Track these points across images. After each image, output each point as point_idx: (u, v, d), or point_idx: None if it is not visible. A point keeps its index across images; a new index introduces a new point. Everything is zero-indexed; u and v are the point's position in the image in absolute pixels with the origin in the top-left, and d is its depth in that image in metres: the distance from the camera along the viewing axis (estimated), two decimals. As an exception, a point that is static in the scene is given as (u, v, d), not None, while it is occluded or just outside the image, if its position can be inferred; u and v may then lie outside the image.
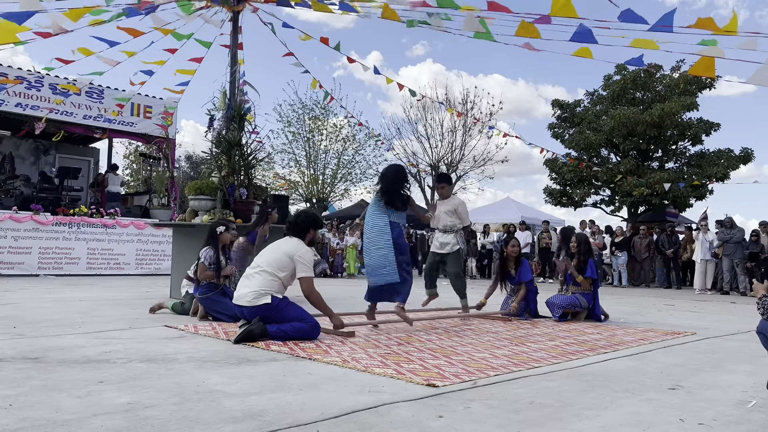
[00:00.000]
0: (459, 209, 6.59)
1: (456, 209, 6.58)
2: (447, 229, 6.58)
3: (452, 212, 6.56)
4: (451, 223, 6.56)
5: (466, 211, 6.66)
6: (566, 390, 3.15)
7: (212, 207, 7.51)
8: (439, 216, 6.63)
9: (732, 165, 18.99)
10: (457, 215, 6.56)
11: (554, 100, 22.18)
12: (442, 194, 6.78)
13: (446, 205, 6.65)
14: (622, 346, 4.71)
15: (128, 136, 15.63)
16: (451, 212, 6.57)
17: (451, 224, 6.56)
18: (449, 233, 6.56)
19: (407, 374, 3.38)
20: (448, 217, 6.58)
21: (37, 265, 11.75)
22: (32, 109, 12.78)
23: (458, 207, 6.61)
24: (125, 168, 28.99)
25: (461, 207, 6.65)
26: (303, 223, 4.89)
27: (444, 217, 6.60)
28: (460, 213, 6.58)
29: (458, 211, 6.57)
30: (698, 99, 19.43)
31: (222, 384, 3.05)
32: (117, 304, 6.91)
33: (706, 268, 13.08)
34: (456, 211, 6.57)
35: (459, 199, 6.89)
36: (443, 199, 6.74)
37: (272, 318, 4.49)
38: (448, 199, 6.71)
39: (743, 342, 5.19)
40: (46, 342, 4.19)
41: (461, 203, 6.74)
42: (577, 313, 6.49)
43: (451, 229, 6.56)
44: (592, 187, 21.00)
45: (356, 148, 25.27)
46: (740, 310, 8.50)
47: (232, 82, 8.14)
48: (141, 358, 3.70)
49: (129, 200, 16.08)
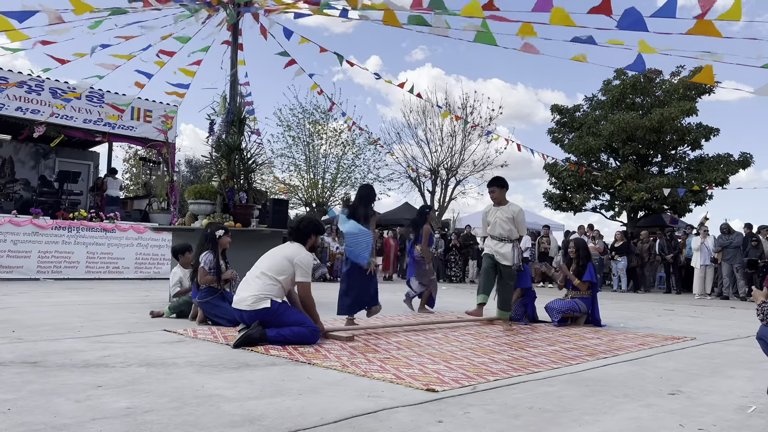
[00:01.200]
0: (517, 217, 6.09)
1: (514, 217, 6.09)
2: (503, 237, 6.10)
3: (510, 220, 6.08)
4: (507, 232, 6.08)
5: (523, 220, 6.16)
6: (566, 395, 3.15)
7: (212, 211, 7.52)
8: (497, 223, 6.13)
9: (731, 170, 19.02)
10: (515, 223, 6.09)
11: (553, 105, 22.24)
12: (496, 199, 6.22)
13: (503, 211, 6.14)
14: (622, 351, 4.71)
15: (128, 140, 15.64)
16: (509, 220, 6.08)
17: (507, 232, 6.08)
18: (506, 242, 6.09)
19: (407, 379, 3.37)
20: (505, 224, 6.08)
21: (36, 269, 11.74)
22: (32, 113, 12.80)
23: (516, 215, 6.10)
24: (125, 172, 29.07)
25: (519, 215, 6.11)
26: (305, 228, 4.90)
27: (500, 225, 6.11)
28: (518, 222, 6.09)
29: (516, 219, 6.09)
30: (697, 104, 19.47)
31: (221, 388, 3.05)
32: (116, 308, 6.90)
33: (705, 273, 13.08)
34: (514, 219, 6.09)
35: (517, 207, 6.22)
36: (497, 204, 6.22)
37: (271, 322, 4.49)
38: (505, 206, 6.18)
39: (743, 347, 5.19)
40: (45, 346, 4.18)
41: (519, 211, 6.16)
42: (577, 317, 6.49)
43: (507, 238, 6.09)
44: (591, 192, 21.02)
45: (356, 153, 25.28)
46: (740, 315, 8.49)
47: (232, 87, 8.16)
48: (140, 362, 3.69)
49: (128, 204, 16.08)
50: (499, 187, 6.20)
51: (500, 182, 6.25)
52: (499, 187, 6.20)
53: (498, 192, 6.18)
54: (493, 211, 6.20)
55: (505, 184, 6.25)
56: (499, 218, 6.10)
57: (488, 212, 6.27)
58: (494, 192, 6.19)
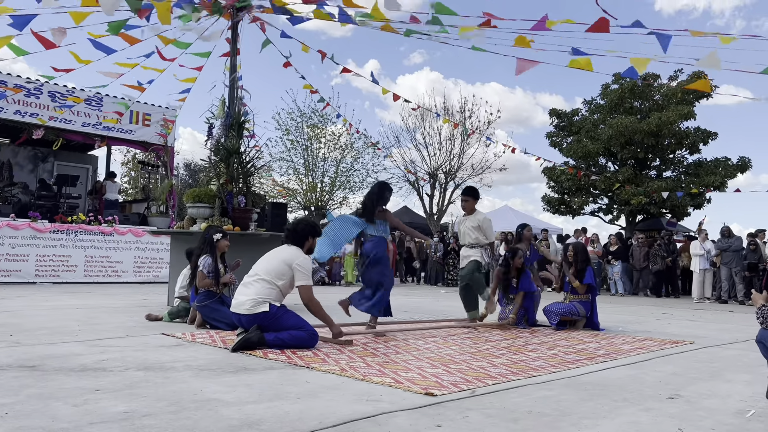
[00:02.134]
0: (483, 225, 6.40)
1: (480, 225, 6.40)
2: (472, 245, 6.44)
3: (476, 228, 6.40)
4: (475, 240, 6.41)
5: (490, 227, 6.45)
6: (565, 399, 3.14)
7: (210, 215, 7.51)
8: (464, 232, 6.47)
9: (729, 174, 19.05)
10: (481, 231, 6.39)
11: (552, 109, 22.27)
12: (466, 208, 6.58)
13: (470, 220, 6.48)
14: (621, 355, 4.70)
15: (127, 144, 15.63)
16: (475, 228, 6.40)
17: (474, 240, 6.41)
18: (474, 249, 6.41)
19: (405, 383, 3.37)
20: (472, 233, 6.42)
21: (35, 273, 11.72)
22: (31, 116, 12.78)
23: (482, 223, 6.42)
24: (123, 175, 29.06)
25: (485, 223, 6.44)
26: (302, 231, 4.88)
27: (468, 233, 6.44)
28: (484, 229, 6.39)
29: (482, 227, 6.39)
30: (695, 108, 19.51)
31: (219, 392, 3.04)
32: (114, 312, 6.89)
33: (704, 277, 13.09)
34: (480, 227, 6.39)
35: (483, 215, 6.61)
36: (467, 214, 6.56)
37: (270, 326, 4.48)
38: (472, 215, 6.53)
39: (742, 351, 5.19)
40: (43, 350, 4.17)
41: (485, 219, 6.51)
42: (575, 321, 6.49)
43: (476, 244, 6.41)
44: (590, 196, 21.04)
45: (354, 156, 25.30)
46: (738, 319, 8.49)
47: (231, 91, 8.16)
48: (138, 366, 3.68)
49: (127, 208, 16.07)
50: (472, 197, 6.58)
51: (473, 193, 6.65)
52: (473, 198, 6.57)
53: (471, 202, 6.54)
54: (462, 221, 6.59)
55: (478, 195, 6.65)
56: (467, 227, 6.45)
57: (459, 222, 6.66)
58: (467, 201, 6.55)
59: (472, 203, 6.56)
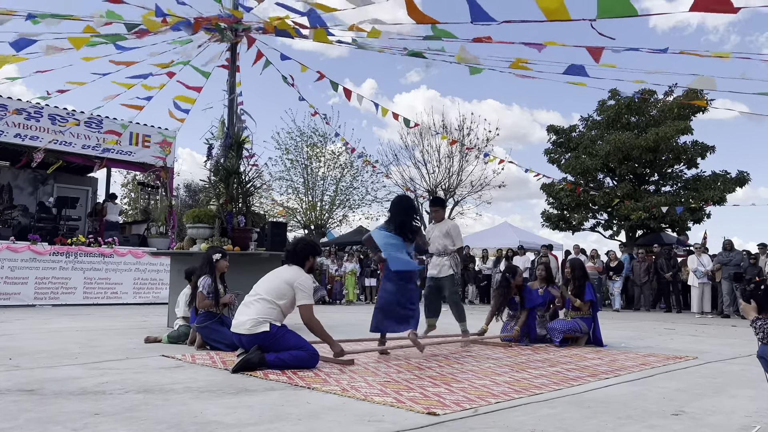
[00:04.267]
0: (451, 231, 6.54)
1: (448, 231, 6.54)
2: (440, 252, 6.53)
3: (445, 235, 6.53)
4: (443, 246, 6.51)
5: (458, 233, 6.59)
6: (568, 417, 3.12)
7: (210, 235, 7.51)
8: (434, 239, 6.58)
9: (728, 188, 19.09)
10: (450, 237, 6.51)
11: (549, 125, 22.37)
12: (436, 218, 6.78)
13: (439, 228, 6.63)
14: (624, 371, 4.67)
15: (126, 166, 15.67)
16: (444, 235, 6.54)
17: (443, 247, 6.51)
18: (443, 256, 6.51)
19: (407, 402, 3.34)
20: (441, 240, 6.54)
21: (34, 296, 11.68)
22: (31, 139, 12.82)
23: (450, 229, 6.57)
24: (123, 197, 29.08)
25: (453, 229, 6.59)
26: (302, 250, 4.88)
27: (437, 241, 6.56)
28: (452, 235, 6.52)
29: (450, 233, 6.52)
30: (692, 122, 19.62)
31: (220, 414, 3.01)
32: (114, 334, 6.85)
33: (703, 291, 13.05)
34: (448, 233, 6.53)
35: (452, 222, 6.87)
36: (437, 222, 6.73)
37: (270, 346, 4.46)
38: (441, 222, 6.71)
39: (745, 366, 5.15)
40: (42, 373, 4.15)
41: (453, 225, 6.69)
42: (578, 338, 6.46)
43: (444, 251, 6.51)
44: (589, 212, 21.05)
45: (354, 174, 25.36)
46: (741, 334, 8.45)
47: (230, 111, 8.21)
48: (138, 388, 3.66)
49: (127, 229, 16.05)
50: (441, 207, 6.95)
51: (441, 202, 7.11)
52: (441, 207, 6.94)
53: (440, 211, 6.83)
54: (431, 229, 6.71)
55: (445, 204, 7.06)
56: (436, 235, 6.57)
57: (427, 232, 6.69)
58: (437, 211, 6.82)
59: (441, 212, 6.82)
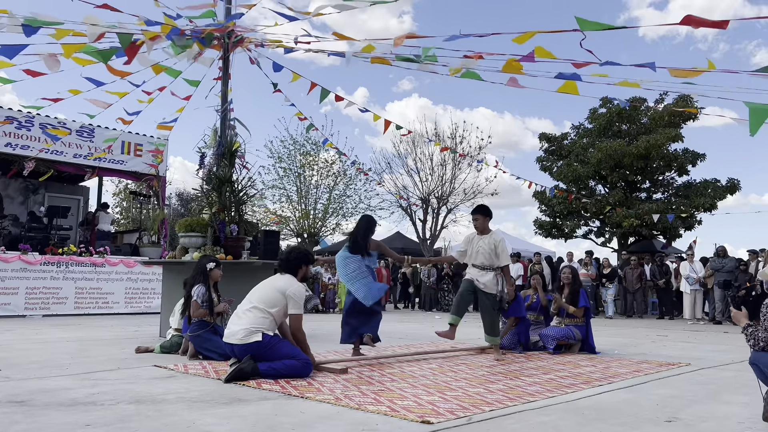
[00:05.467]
0: (499, 247, 6.03)
1: (496, 247, 6.03)
2: (485, 266, 6.04)
3: (492, 250, 6.02)
4: (489, 262, 6.03)
5: (505, 249, 6.10)
6: (562, 425, 3.11)
7: (203, 244, 7.48)
8: (481, 253, 6.07)
9: (719, 195, 19.22)
10: (496, 253, 6.02)
11: (541, 133, 22.51)
12: (479, 227, 6.22)
13: (485, 242, 6.09)
14: (617, 378, 4.68)
15: (118, 175, 15.61)
16: (489, 250, 6.03)
17: (489, 263, 6.03)
18: (488, 271, 6.03)
19: (401, 411, 3.33)
20: (485, 254, 6.04)
21: (24, 306, 11.57)
22: (22, 149, 12.75)
23: (498, 245, 6.04)
24: (115, 206, 28.95)
25: (501, 245, 6.06)
26: (295, 260, 4.88)
27: (482, 254, 6.06)
28: (500, 252, 6.03)
29: (498, 249, 6.02)
30: (683, 130, 19.78)
31: (212, 425, 2.99)
32: (105, 344, 6.80)
33: (695, 298, 13.12)
34: (496, 249, 6.02)
35: (499, 236, 6.23)
36: (480, 233, 6.19)
37: (263, 356, 4.44)
38: (487, 235, 6.16)
39: (738, 372, 5.17)
40: (33, 384, 4.10)
41: (502, 240, 6.13)
42: (571, 345, 6.47)
43: (489, 267, 6.03)
44: (581, 219, 21.14)
45: (347, 183, 25.37)
46: (734, 340, 8.48)
47: (223, 120, 8.20)
48: (129, 399, 3.62)
49: (119, 238, 15.96)
50: (483, 215, 6.23)
51: (484, 210, 6.29)
52: (483, 216, 6.23)
53: (482, 220, 6.20)
54: (476, 240, 6.17)
55: (489, 213, 6.28)
56: (482, 248, 6.07)
57: (471, 240, 6.24)
58: (477, 220, 6.22)
59: (484, 221, 6.21)
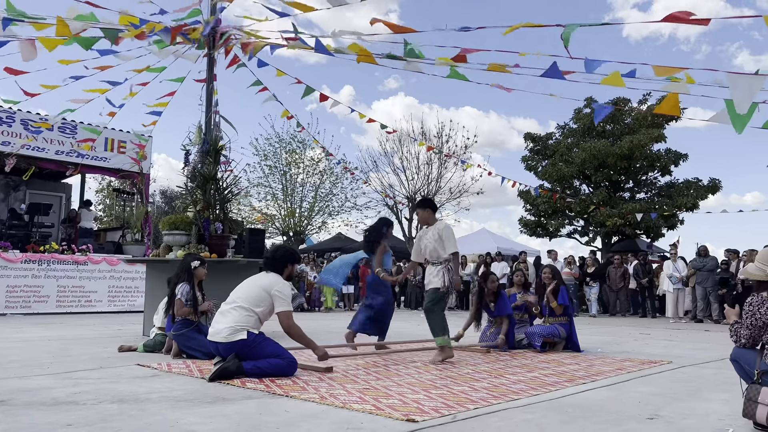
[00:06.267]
0: (443, 234, 5.51)
1: (440, 236, 5.51)
2: (433, 260, 5.59)
3: (436, 240, 5.54)
4: (437, 254, 5.56)
5: (450, 235, 5.52)
6: (546, 422, 3.14)
7: (187, 242, 7.43)
8: (426, 246, 5.65)
9: (701, 195, 19.49)
10: (441, 244, 5.50)
11: (526, 133, 22.65)
12: (420, 220, 5.84)
13: (431, 232, 5.63)
14: (601, 376, 4.72)
15: (101, 172, 15.45)
16: (435, 240, 5.55)
17: (436, 255, 5.57)
18: (436, 265, 5.57)
19: (386, 410, 3.33)
20: (431, 246, 5.58)
21: (5, 304, 11.41)
22: (3, 145, 12.58)
23: (441, 232, 5.53)
24: (98, 203, 28.63)
25: (445, 231, 5.53)
26: (281, 258, 4.83)
27: (429, 247, 5.61)
28: (444, 239, 5.49)
29: (442, 237, 5.50)
30: (665, 130, 20.02)
31: (196, 424, 2.97)
32: (87, 343, 6.72)
33: (677, 297, 13.27)
34: (440, 237, 5.51)
35: (443, 223, 5.70)
36: (427, 225, 5.75)
37: (248, 354, 4.41)
38: (432, 226, 5.69)
39: (718, 369, 5.24)
40: (13, 384, 4.05)
41: (445, 227, 5.61)
42: (556, 343, 6.52)
43: (437, 260, 5.57)
44: (566, 218, 21.30)
45: (333, 181, 25.33)
46: (714, 338, 8.60)
47: (208, 117, 8.14)
48: (112, 398, 3.59)
49: (102, 236, 15.79)
50: (422, 207, 5.83)
51: (423, 203, 5.93)
52: (422, 208, 5.82)
53: (422, 213, 5.79)
54: (423, 234, 5.77)
55: (429, 204, 5.87)
56: (428, 240, 5.62)
57: (420, 236, 5.83)
58: (418, 214, 5.88)
59: (422, 213, 5.76)
